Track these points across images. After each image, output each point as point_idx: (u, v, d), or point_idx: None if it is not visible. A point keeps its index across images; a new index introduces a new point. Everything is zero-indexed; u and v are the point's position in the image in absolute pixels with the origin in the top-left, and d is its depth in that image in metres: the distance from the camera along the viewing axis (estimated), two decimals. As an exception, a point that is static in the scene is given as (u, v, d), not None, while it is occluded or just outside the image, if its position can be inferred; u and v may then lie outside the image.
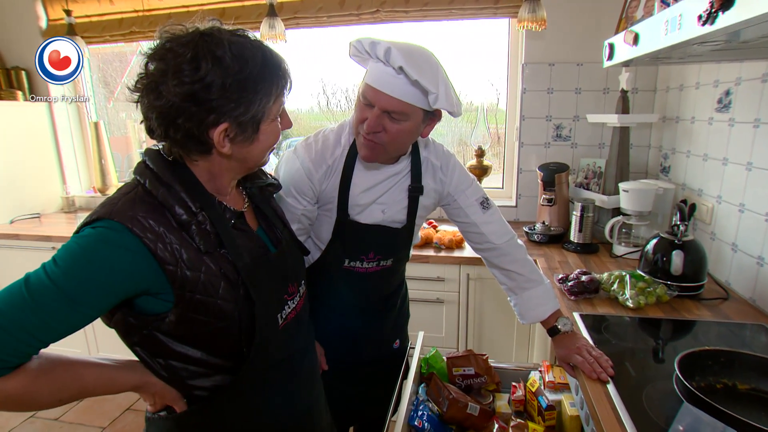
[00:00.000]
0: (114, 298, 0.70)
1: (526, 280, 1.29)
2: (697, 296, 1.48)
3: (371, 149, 1.08)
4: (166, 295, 0.73)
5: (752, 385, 0.97)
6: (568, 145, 2.37)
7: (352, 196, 1.17)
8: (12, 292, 0.65)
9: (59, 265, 0.67)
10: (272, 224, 0.95)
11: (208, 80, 0.70)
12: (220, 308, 0.76)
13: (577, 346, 1.15)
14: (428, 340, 1.98)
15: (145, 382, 0.79)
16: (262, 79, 0.74)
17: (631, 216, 1.89)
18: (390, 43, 0.98)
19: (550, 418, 1.24)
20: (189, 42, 0.71)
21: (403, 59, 0.95)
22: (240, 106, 0.73)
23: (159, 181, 0.75)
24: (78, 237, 0.70)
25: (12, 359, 0.64)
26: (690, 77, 1.87)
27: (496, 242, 1.29)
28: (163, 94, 0.70)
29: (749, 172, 1.45)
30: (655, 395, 0.99)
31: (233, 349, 0.81)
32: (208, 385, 0.82)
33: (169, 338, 0.76)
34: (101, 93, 3.36)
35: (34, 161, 2.92)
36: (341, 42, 2.80)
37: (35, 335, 0.64)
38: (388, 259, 1.28)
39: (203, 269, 0.74)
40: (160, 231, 0.71)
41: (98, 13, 2.81)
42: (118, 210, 0.71)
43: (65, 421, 2.39)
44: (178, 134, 0.73)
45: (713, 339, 1.26)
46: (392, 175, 1.19)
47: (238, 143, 0.76)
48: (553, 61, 2.29)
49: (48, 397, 0.69)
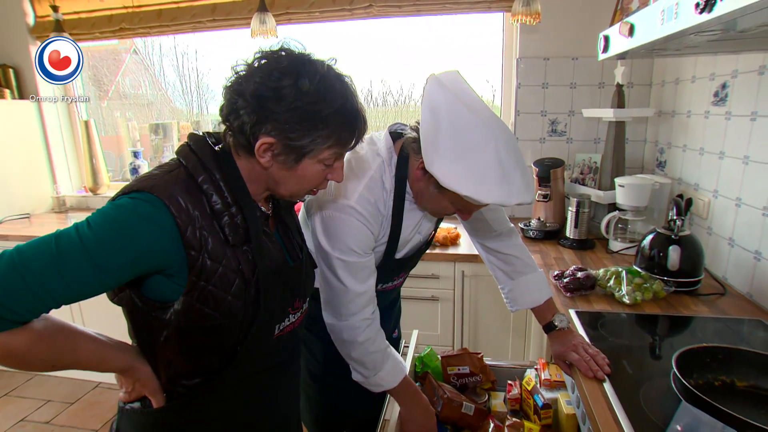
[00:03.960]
0: (136, 270, 0.71)
1: (524, 264, 1.30)
2: (694, 292, 1.46)
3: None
4: (179, 280, 0.73)
5: (751, 382, 0.95)
6: (563, 141, 2.35)
7: (401, 237, 1.14)
8: (42, 247, 0.66)
9: (93, 229, 0.68)
10: (292, 236, 0.94)
11: (282, 93, 0.72)
12: (228, 304, 0.76)
13: (573, 344, 1.13)
14: (423, 338, 1.97)
15: (134, 367, 0.79)
16: (327, 122, 0.76)
17: (627, 211, 1.87)
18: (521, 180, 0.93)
19: (546, 417, 1.23)
20: (293, 58, 0.76)
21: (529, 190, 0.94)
22: (295, 131, 0.75)
23: (202, 166, 0.77)
24: (114, 205, 0.71)
25: (26, 315, 0.65)
26: (686, 71, 1.86)
27: (497, 228, 1.29)
28: (245, 84, 0.74)
29: (746, 166, 1.44)
30: (652, 393, 0.97)
31: (226, 350, 0.81)
32: (189, 384, 0.81)
33: (166, 329, 0.76)
34: (92, 91, 3.31)
35: (23, 161, 2.87)
36: (333, 38, 2.77)
37: (54, 295, 0.65)
38: (411, 269, 1.34)
39: (223, 262, 0.75)
40: (195, 215, 0.73)
41: (87, 10, 2.77)
42: (158, 185, 0.72)
43: (56, 424, 2.35)
44: (235, 123, 0.75)
45: (710, 335, 1.25)
46: None
47: (278, 162, 0.78)
48: (547, 55, 2.27)
49: (43, 362, 0.71)
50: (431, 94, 0.94)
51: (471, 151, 0.90)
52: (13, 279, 0.63)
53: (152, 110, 3.41)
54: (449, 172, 0.90)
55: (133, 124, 3.24)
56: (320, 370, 1.29)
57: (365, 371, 1.11)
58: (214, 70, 3.20)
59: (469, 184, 0.90)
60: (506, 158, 0.90)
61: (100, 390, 2.63)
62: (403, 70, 2.81)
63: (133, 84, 3.44)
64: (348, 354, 1.11)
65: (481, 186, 0.89)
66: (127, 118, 3.35)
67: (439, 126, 0.91)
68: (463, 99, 0.93)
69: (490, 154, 0.89)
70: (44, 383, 2.71)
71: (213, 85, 3.29)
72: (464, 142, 0.90)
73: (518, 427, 1.19)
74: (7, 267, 0.63)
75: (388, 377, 1.12)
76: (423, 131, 0.94)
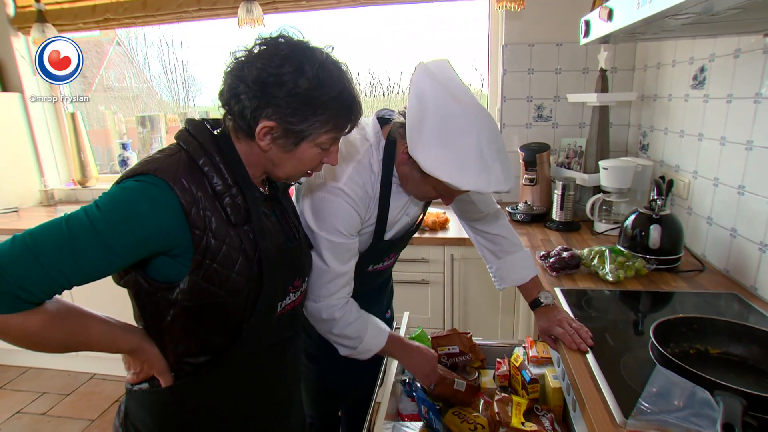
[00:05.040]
0: (144, 250, 0.74)
1: (510, 243, 1.35)
2: (674, 269, 1.52)
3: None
4: (185, 260, 0.76)
5: (723, 349, 1.01)
6: (549, 126, 2.39)
7: (389, 219, 1.18)
8: (53, 230, 0.68)
9: (102, 211, 0.70)
10: (288, 217, 0.97)
11: (283, 79, 0.75)
12: (233, 282, 0.79)
13: (558, 319, 1.18)
14: (415, 321, 2.01)
15: (143, 348, 0.82)
16: (326, 108, 0.79)
17: (612, 193, 1.92)
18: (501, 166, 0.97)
19: (534, 391, 1.27)
20: (293, 45, 0.78)
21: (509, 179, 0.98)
22: (295, 115, 0.78)
23: (203, 149, 0.79)
24: (121, 188, 0.73)
25: (41, 295, 0.68)
26: (667, 55, 1.90)
27: (484, 210, 1.33)
28: (246, 69, 0.76)
29: (723, 147, 1.49)
30: (632, 363, 1.02)
31: (231, 328, 0.84)
32: (196, 363, 0.84)
33: (173, 308, 0.79)
34: (77, 83, 3.28)
35: (9, 154, 2.85)
36: (321, 27, 2.77)
37: (67, 275, 0.68)
38: (401, 251, 1.37)
39: (227, 240, 0.78)
40: (198, 196, 0.75)
41: (70, 0, 2.73)
42: (162, 168, 0.75)
43: (53, 415, 2.37)
44: (236, 107, 0.78)
45: (689, 309, 1.30)
46: None
47: (277, 146, 0.81)
48: (532, 41, 2.30)
49: (56, 342, 0.73)
50: (419, 81, 0.97)
51: (454, 139, 0.93)
52: (28, 261, 0.66)
53: (138, 103, 3.38)
54: (431, 158, 0.94)
55: (119, 117, 3.22)
56: (316, 350, 1.33)
57: (350, 342, 1.15)
58: (200, 62, 3.18)
59: (449, 171, 0.93)
60: (487, 148, 0.94)
61: (96, 381, 2.65)
62: (391, 59, 2.82)
63: (118, 77, 3.40)
64: (330, 331, 1.14)
65: (461, 173, 0.93)
66: (113, 112, 3.32)
67: (425, 113, 0.94)
68: (449, 88, 0.96)
69: (472, 143, 0.93)
70: (38, 376, 2.72)
71: (199, 77, 3.28)
72: (448, 130, 0.93)
73: (507, 401, 1.24)
74: (20, 250, 0.66)
75: (374, 341, 1.16)
76: (409, 117, 0.97)
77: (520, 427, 1.13)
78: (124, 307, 0.84)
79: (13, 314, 0.66)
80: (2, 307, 0.65)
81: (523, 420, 1.16)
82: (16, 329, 0.68)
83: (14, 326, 0.67)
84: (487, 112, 0.98)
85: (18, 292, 0.65)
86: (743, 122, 1.38)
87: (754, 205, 1.34)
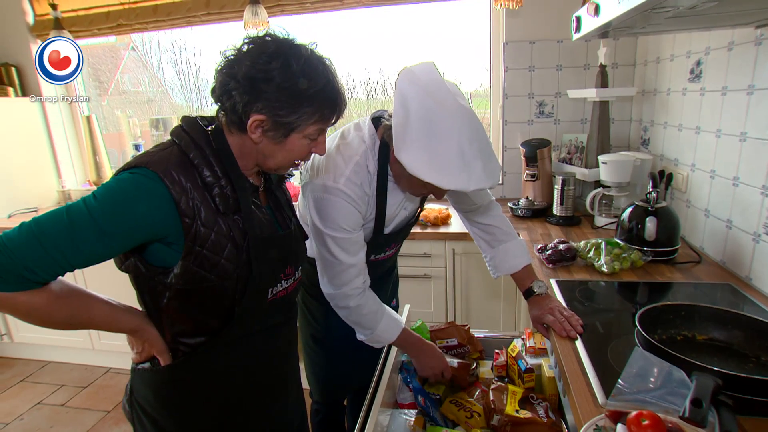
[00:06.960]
0: (138, 236, 0.79)
1: (503, 233, 1.40)
2: (671, 261, 1.53)
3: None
4: (178, 246, 0.81)
5: (709, 335, 1.03)
6: (550, 122, 2.41)
7: (387, 215, 1.24)
8: (55, 217, 0.75)
9: (98, 200, 0.76)
10: (282, 208, 1.03)
11: (270, 75, 0.80)
12: (223, 267, 0.84)
13: (550, 307, 1.21)
14: (417, 315, 2.05)
15: (143, 328, 0.88)
16: (312, 100, 0.84)
17: (611, 187, 1.94)
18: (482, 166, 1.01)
19: (530, 380, 1.30)
20: (279, 42, 0.83)
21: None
22: (283, 108, 0.83)
23: (194, 144, 0.85)
24: (116, 179, 0.79)
25: (45, 275, 0.74)
26: (665, 49, 1.91)
27: (478, 202, 1.38)
28: (236, 67, 0.81)
29: (718, 139, 1.50)
30: (619, 349, 1.05)
31: (224, 310, 0.89)
32: (192, 343, 0.90)
33: (168, 291, 0.85)
34: (92, 88, 3.39)
35: (28, 156, 2.96)
36: (326, 29, 2.82)
37: (67, 257, 0.74)
38: (402, 241, 1.44)
39: (215, 228, 0.83)
40: (187, 186, 0.80)
41: (85, 7, 2.84)
42: (154, 161, 0.80)
43: (71, 406, 2.47)
44: (227, 103, 0.84)
45: (682, 299, 1.31)
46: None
47: (268, 138, 0.86)
48: (533, 39, 2.32)
49: (61, 318, 0.80)
50: (402, 87, 1.02)
51: (434, 140, 0.98)
52: (33, 245, 0.72)
53: (152, 107, 3.48)
54: (413, 159, 0.99)
55: (134, 121, 3.32)
56: (321, 334, 1.39)
57: (364, 331, 1.24)
58: (212, 65, 3.25)
59: (430, 172, 0.98)
60: (468, 147, 0.98)
61: (111, 375, 2.75)
62: (397, 59, 2.86)
63: (133, 81, 3.50)
64: (347, 317, 1.23)
65: (441, 173, 0.98)
66: (128, 115, 3.42)
67: (408, 118, 1.00)
68: (431, 91, 1.01)
69: (452, 143, 0.97)
70: (57, 369, 2.83)
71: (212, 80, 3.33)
72: (428, 132, 0.98)
73: (502, 390, 1.27)
74: (27, 235, 0.73)
75: (385, 333, 1.24)
76: (394, 122, 1.02)
77: (514, 414, 1.16)
78: (129, 292, 0.90)
79: (20, 292, 0.73)
80: (10, 285, 0.72)
81: (517, 408, 1.19)
82: (23, 305, 0.75)
83: (21, 303, 0.74)
84: (470, 111, 1.02)
85: (24, 273, 0.72)
86: (737, 114, 1.39)
87: (748, 196, 1.35)
